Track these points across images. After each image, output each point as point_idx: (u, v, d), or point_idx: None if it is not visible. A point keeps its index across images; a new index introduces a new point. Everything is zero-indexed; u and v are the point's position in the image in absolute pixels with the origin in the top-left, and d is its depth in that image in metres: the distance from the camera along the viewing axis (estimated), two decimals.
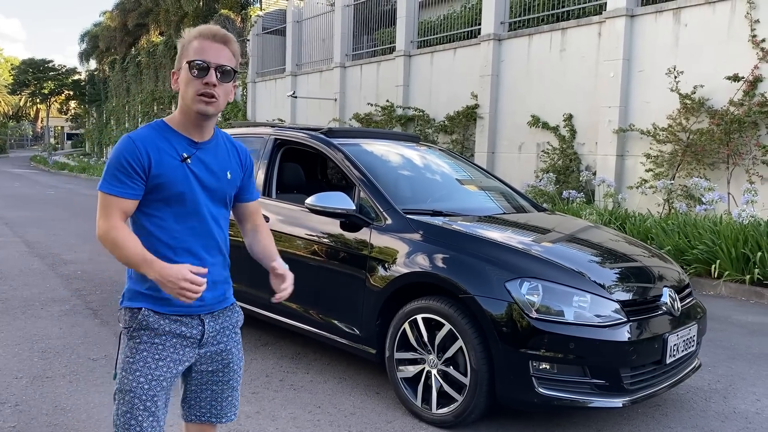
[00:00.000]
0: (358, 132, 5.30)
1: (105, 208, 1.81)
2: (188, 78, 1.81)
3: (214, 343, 1.96)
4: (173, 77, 1.89)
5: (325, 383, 3.91)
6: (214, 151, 1.94)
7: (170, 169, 1.82)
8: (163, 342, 1.86)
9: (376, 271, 3.62)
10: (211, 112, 1.83)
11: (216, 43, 1.83)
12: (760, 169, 8.28)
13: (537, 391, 3.02)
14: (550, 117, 10.98)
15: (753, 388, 4.04)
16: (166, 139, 1.85)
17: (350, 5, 16.65)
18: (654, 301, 3.34)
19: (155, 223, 1.85)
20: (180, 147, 1.86)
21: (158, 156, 1.81)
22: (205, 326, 1.92)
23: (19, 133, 64.47)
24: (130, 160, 1.78)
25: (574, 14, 11.08)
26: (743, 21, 8.44)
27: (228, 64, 1.84)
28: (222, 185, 1.94)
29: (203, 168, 1.89)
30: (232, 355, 2.01)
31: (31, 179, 24.38)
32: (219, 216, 1.95)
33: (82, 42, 40.99)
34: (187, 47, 1.84)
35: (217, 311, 1.97)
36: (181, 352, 1.89)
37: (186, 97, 1.83)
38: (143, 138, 1.83)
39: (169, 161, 1.83)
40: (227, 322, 2.00)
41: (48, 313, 5.34)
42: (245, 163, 2.06)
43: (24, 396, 3.58)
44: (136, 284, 1.89)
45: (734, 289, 6.75)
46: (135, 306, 1.87)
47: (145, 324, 1.85)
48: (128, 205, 1.82)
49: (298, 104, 18.40)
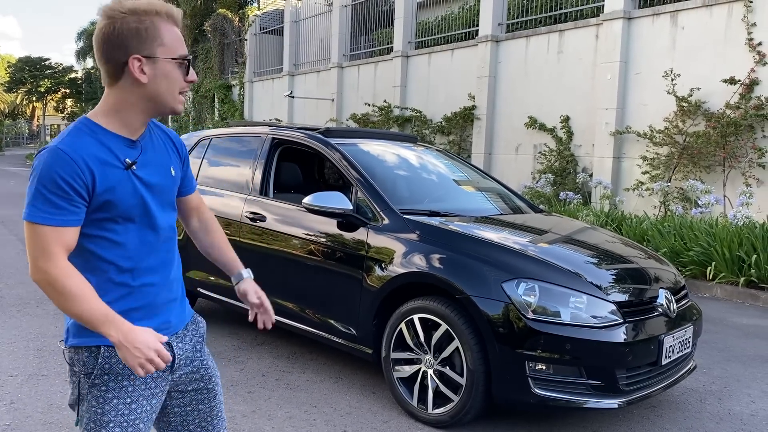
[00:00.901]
0: (356, 132, 5.30)
1: (41, 243, 1.44)
2: (173, 73, 1.54)
3: (187, 363, 1.73)
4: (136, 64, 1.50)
5: (321, 383, 3.91)
6: (152, 146, 1.64)
7: (118, 182, 1.51)
8: (132, 382, 1.58)
9: (373, 271, 3.62)
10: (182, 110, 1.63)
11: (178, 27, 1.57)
12: (756, 171, 8.31)
13: (533, 391, 3.03)
14: (547, 119, 11.00)
15: (748, 390, 4.06)
16: (103, 144, 1.51)
17: (348, 5, 16.66)
18: (650, 302, 3.35)
19: (103, 246, 1.53)
20: (119, 150, 1.54)
21: (101, 169, 1.49)
22: (174, 350, 1.66)
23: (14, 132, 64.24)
24: (68, 179, 1.43)
25: (572, 16, 11.10)
26: (740, 24, 8.47)
27: None
28: (167, 184, 1.66)
29: (148, 170, 1.59)
30: (208, 368, 1.79)
31: (27, 178, 24.27)
32: (172, 222, 1.69)
33: (79, 40, 40.99)
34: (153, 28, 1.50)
35: (182, 330, 1.73)
36: (153, 385, 1.63)
37: (165, 94, 1.54)
38: (79, 149, 1.47)
39: (114, 174, 1.51)
40: (195, 337, 1.77)
41: (43, 311, 5.32)
42: (182, 151, 1.78)
43: (19, 394, 3.57)
44: None
45: (729, 291, 6.77)
46: (89, 344, 1.55)
47: (107, 367, 1.55)
48: (70, 236, 1.47)
49: (296, 104, 18.39)
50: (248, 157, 4.73)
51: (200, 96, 23.63)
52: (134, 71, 1.50)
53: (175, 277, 1.71)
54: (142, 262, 1.59)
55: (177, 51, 1.54)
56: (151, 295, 1.62)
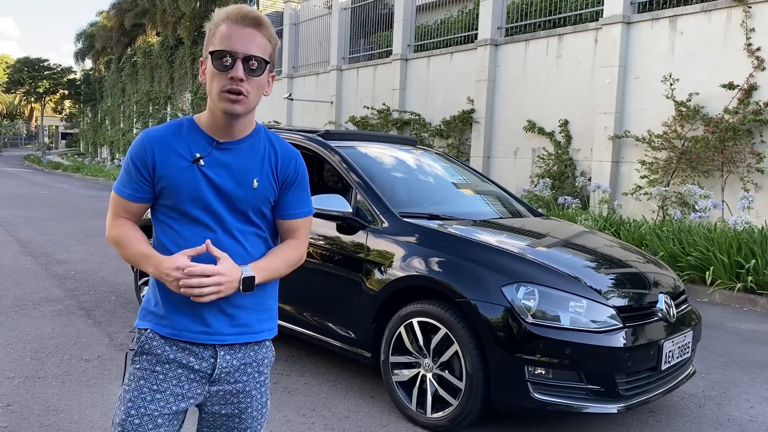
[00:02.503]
0: (355, 135, 5.30)
1: (113, 207, 1.66)
2: (213, 72, 1.56)
3: (229, 381, 1.65)
4: (201, 67, 1.64)
5: (319, 386, 3.89)
6: (245, 152, 1.64)
7: (176, 171, 1.59)
8: (165, 371, 1.60)
9: (372, 274, 3.61)
10: (238, 111, 1.56)
11: (246, 28, 1.55)
12: (754, 176, 8.32)
13: (532, 396, 3.02)
14: (545, 122, 11.01)
15: (747, 395, 4.05)
16: (186, 137, 1.62)
17: (347, 8, 16.67)
18: (650, 307, 3.34)
19: (167, 233, 1.63)
20: (197, 146, 1.61)
21: (165, 156, 1.59)
22: (217, 359, 1.62)
23: (13, 132, 64.22)
24: (135, 159, 1.60)
25: (571, 20, 11.12)
26: (739, 29, 8.48)
27: (259, 53, 1.55)
28: (245, 194, 1.62)
29: (221, 171, 1.61)
30: (251, 399, 1.68)
31: (25, 178, 24.27)
32: (238, 230, 1.63)
33: (78, 41, 40.88)
34: (213, 32, 1.57)
35: (239, 345, 1.65)
36: (186, 387, 1.61)
37: (211, 94, 1.58)
38: (155, 135, 1.62)
39: (176, 162, 1.59)
40: (250, 359, 1.68)
41: (41, 313, 5.30)
42: (284, 171, 1.69)
43: (16, 396, 3.55)
44: (147, 302, 1.69)
45: (728, 296, 6.77)
46: (142, 326, 1.66)
47: (147, 347, 1.62)
48: (134, 209, 1.65)
49: (295, 106, 18.39)
50: None
51: (199, 98, 23.64)
52: (200, 73, 1.65)
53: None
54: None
55: (216, 46, 1.55)
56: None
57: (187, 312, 1.61)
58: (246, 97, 1.56)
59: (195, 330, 1.60)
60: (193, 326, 1.61)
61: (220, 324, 1.62)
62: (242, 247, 1.63)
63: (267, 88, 1.64)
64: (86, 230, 10.24)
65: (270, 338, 1.74)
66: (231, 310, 1.62)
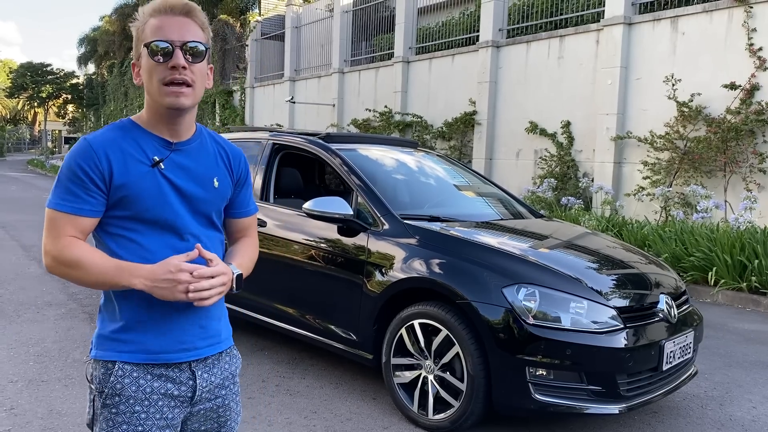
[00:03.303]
0: (356, 137, 5.31)
1: (54, 228, 1.44)
2: (150, 65, 1.44)
3: (210, 398, 1.58)
4: (134, 70, 1.52)
5: (321, 388, 3.90)
6: (197, 152, 1.57)
7: (138, 178, 1.45)
8: (146, 408, 1.48)
9: (373, 276, 3.62)
10: (185, 104, 1.46)
11: (177, 17, 1.46)
12: (757, 176, 8.30)
13: (533, 397, 3.02)
14: (547, 124, 11.00)
15: (749, 395, 4.04)
16: (134, 141, 1.49)
17: (349, 11, 16.70)
18: (651, 307, 3.34)
19: (124, 245, 1.47)
20: (150, 149, 1.49)
21: (122, 162, 1.45)
22: (196, 380, 1.54)
23: (16, 137, 64.41)
24: (85, 167, 1.43)
25: (572, 22, 11.11)
26: (740, 30, 8.47)
27: (197, 39, 1.46)
28: (208, 196, 1.56)
29: (182, 173, 1.52)
30: (230, 412, 1.63)
31: (28, 183, 24.34)
32: (204, 235, 1.55)
33: (80, 46, 41.08)
34: (142, 29, 1.48)
35: (212, 357, 1.58)
36: (170, 416, 1.51)
37: (151, 90, 1.46)
38: (103, 140, 1.47)
39: (136, 168, 1.46)
40: (226, 372, 1.62)
41: (44, 316, 5.32)
42: (237, 169, 1.67)
43: (19, 400, 3.57)
44: (106, 326, 1.52)
45: (731, 296, 6.75)
46: (106, 358, 1.48)
47: (120, 389, 1.46)
48: (85, 225, 1.45)
49: (297, 110, 18.41)
50: (249, 162, 4.73)
51: (201, 102, 23.67)
52: (134, 76, 1.53)
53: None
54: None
55: (149, 38, 1.45)
56: (174, 310, 1.49)
57: (161, 330, 1.49)
58: (191, 87, 1.46)
59: (172, 349, 1.50)
60: (168, 345, 1.50)
61: (194, 338, 1.53)
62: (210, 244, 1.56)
63: (208, 80, 1.55)
64: None
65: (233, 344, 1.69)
66: (204, 321, 1.55)
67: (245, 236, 1.73)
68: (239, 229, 1.72)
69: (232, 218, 1.70)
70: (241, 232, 1.73)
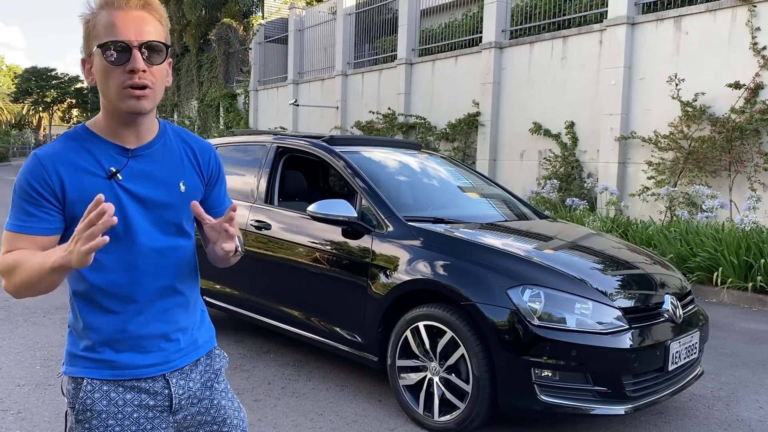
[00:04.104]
0: (360, 140, 5.31)
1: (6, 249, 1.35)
2: (105, 67, 1.32)
3: (194, 402, 1.52)
4: (83, 67, 1.40)
5: (327, 391, 3.90)
6: (160, 155, 1.44)
7: (93, 192, 1.31)
8: (119, 422, 1.41)
9: (377, 278, 3.63)
10: (146, 108, 1.35)
11: (132, 11, 1.32)
12: (761, 176, 8.28)
13: (539, 398, 3.02)
14: (551, 124, 11.00)
15: (756, 395, 4.03)
16: (87, 152, 1.37)
17: (352, 14, 16.72)
18: (656, 308, 3.34)
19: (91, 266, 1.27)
20: (106, 158, 1.38)
21: (73, 177, 1.35)
22: (171, 389, 1.46)
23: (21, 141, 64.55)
24: (34, 184, 1.33)
25: (575, 22, 11.11)
26: (744, 29, 8.46)
27: (155, 38, 1.34)
28: (174, 202, 1.44)
29: (142, 182, 1.40)
30: (224, 410, 1.57)
31: None
32: (170, 248, 1.45)
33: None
34: (93, 23, 1.34)
35: (188, 366, 1.51)
36: (149, 426, 1.44)
37: (108, 94, 1.35)
38: (52, 154, 1.36)
39: (91, 181, 1.35)
40: (207, 374, 1.55)
41: (50, 321, 5.34)
42: (207, 167, 1.53)
43: (26, 404, 3.58)
44: (73, 343, 1.46)
45: (737, 296, 6.73)
46: (75, 375, 1.43)
47: (90, 404, 1.40)
48: (44, 245, 1.34)
49: (300, 112, 18.44)
50: (253, 165, 4.75)
51: (205, 105, 23.73)
52: (85, 74, 1.40)
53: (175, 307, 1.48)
54: (130, 288, 1.40)
55: (104, 38, 1.32)
56: (140, 326, 1.43)
57: (130, 347, 1.43)
58: (152, 89, 1.34)
59: (139, 364, 1.43)
60: (138, 361, 1.43)
61: (164, 352, 1.46)
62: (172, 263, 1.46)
63: (168, 78, 1.42)
64: None
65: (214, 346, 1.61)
66: (175, 333, 1.48)
67: None
68: None
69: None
70: None
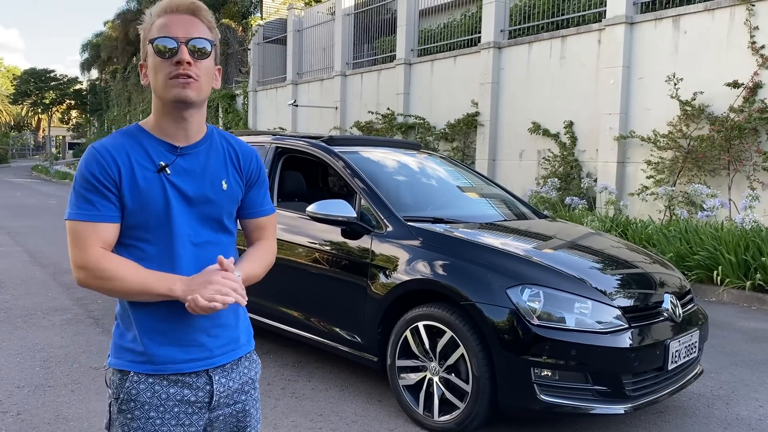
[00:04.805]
0: (359, 140, 5.31)
1: (79, 240, 1.42)
2: (155, 62, 1.44)
3: (229, 403, 1.56)
4: (141, 71, 1.52)
5: (326, 391, 3.90)
6: (206, 155, 1.54)
7: (145, 184, 1.45)
8: (161, 414, 1.47)
9: (377, 278, 3.63)
10: (191, 96, 1.44)
11: (183, 15, 1.46)
12: (760, 175, 8.29)
13: (539, 398, 3.02)
14: (550, 124, 11.00)
15: (756, 394, 4.03)
16: (140, 146, 1.48)
17: (350, 14, 16.72)
18: (655, 307, 3.34)
19: (138, 255, 1.46)
20: (156, 154, 1.48)
21: (129, 168, 1.45)
22: (213, 386, 1.52)
23: (20, 143, 64.56)
24: (97, 174, 1.42)
25: (574, 22, 11.11)
26: (742, 28, 8.46)
27: (202, 36, 1.46)
28: (217, 198, 1.54)
29: (188, 178, 1.50)
30: (249, 418, 1.61)
31: (33, 189, 24.42)
32: (209, 243, 1.53)
33: (83, 52, 41.19)
34: (149, 29, 1.47)
35: (229, 364, 1.57)
36: (187, 422, 1.50)
37: (157, 87, 1.45)
38: (110, 146, 1.46)
39: (143, 174, 1.46)
40: (245, 377, 1.60)
41: (50, 322, 5.34)
42: (247, 169, 1.62)
43: (26, 405, 3.58)
44: (120, 336, 1.52)
45: (736, 295, 6.74)
46: (121, 368, 1.49)
47: (134, 394, 1.46)
48: (108, 233, 1.44)
49: (299, 113, 18.44)
50: None
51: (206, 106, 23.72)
52: (142, 77, 1.52)
53: None
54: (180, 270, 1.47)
55: (155, 35, 1.45)
56: (181, 319, 1.48)
57: (170, 341, 1.49)
58: (197, 81, 1.44)
59: (180, 359, 1.49)
60: (178, 356, 1.49)
61: (209, 347, 1.52)
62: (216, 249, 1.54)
63: (215, 81, 1.54)
64: None
65: (253, 348, 1.67)
66: (218, 330, 1.54)
67: (262, 238, 1.71)
68: (253, 229, 1.70)
69: (245, 219, 1.68)
70: (256, 233, 1.70)
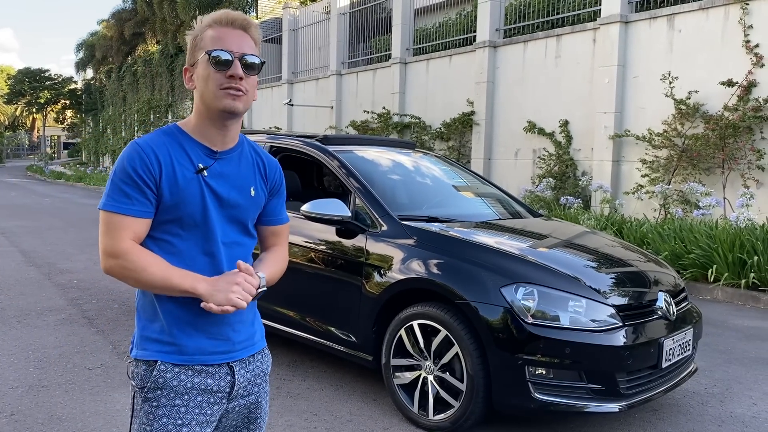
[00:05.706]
0: (354, 139, 5.31)
1: (111, 230, 1.49)
2: (208, 72, 1.52)
3: (244, 394, 1.64)
4: (185, 75, 1.60)
5: (321, 391, 3.90)
6: (238, 162, 1.62)
7: (183, 183, 1.52)
8: (185, 402, 1.53)
9: (372, 277, 3.62)
10: (239, 108, 1.53)
11: (236, 30, 1.55)
12: (755, 173, 8.32)
13: (533, 396, 3.02)
14: (545, 123, 11.02)
15: (749, 392, 4.05)
16: (181, 147, 1.55)
17: (346, 13, 16.71)
18: (649, 305, 3.34)
19: (167, 249, 1.53)
20: (196, 156, 1.55)
21: (170, 166, 1.51)
22: (235, 376, 1.60)
23: (15, 143, 64.43)
24: (138, 169, 1.48)
25: (569, 21, 11.13)
26: (737, 26, 8.49)
27: (254, 53, 1.56)
28: (246, 204, 1.62)
29: (222, 182, 1.58)
30: (260, 409, 1.68)
31: (28, 189, 24.34)
32: (235, 243, 1.62)
33: (78, 51, 41.07)
34: (201, 38, 1.55)
35: (248, 357, 1.65)
36: (209, 412, 1.56)
37: (206, 95, 1.53)
38: (153, 144, 1.53)
39: (183, 173, 1.52)
40: (259, 369, 1.68)
41: (44, 322, 5.32)
42: (272, 178, 1.71)
43: (20, 405, 3.57)
44: (146, 327, 1.58)
45: (730, 293, 6.76)
46: (148, 358, 1.55)
47: (161, 382, 1.52)
48: (140, 227, 1.50)
49: (295, 112, 18.43)
50: None
51: None
52: (186, 80, 1.60)
53: None
54: (203, 273, 1.54)
55: (210, 47, 1.53)
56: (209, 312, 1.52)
57: (198, 333, 1.56)
58: (245, 95, 1.54)
59: (207, 351, 1.56)
60: (205, 347, 1.56)
61: (231, 340, 1.60)
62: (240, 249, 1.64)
63: (255, 92, 1.62)
64: (88, 239, 10.27)
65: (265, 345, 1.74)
66: (239, 325, 1.62)
67: (276, 245, 1.78)
68: (269, 235, 1.77)
69: (263, 225, 1.74)
70: (271, 239, 1.77)
